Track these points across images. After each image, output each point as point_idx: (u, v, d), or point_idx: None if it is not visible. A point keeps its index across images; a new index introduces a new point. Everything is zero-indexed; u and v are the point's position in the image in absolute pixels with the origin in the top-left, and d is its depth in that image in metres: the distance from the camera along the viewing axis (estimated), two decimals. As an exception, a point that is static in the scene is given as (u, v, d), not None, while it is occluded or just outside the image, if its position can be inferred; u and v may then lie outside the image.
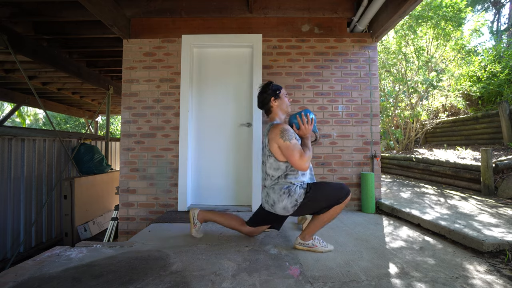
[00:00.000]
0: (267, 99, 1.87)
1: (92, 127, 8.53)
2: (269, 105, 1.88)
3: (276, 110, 1.88)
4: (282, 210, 1.75)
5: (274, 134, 1.72)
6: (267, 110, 1.91)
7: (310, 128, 1.81)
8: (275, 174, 1.77)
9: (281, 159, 1.74)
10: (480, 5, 13.73)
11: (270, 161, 1.78)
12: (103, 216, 4.51)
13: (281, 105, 1.88)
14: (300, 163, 1.66)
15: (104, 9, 2.61)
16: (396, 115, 6.46)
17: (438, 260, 1.63)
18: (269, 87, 1.89)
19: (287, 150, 1.68)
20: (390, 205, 2.72)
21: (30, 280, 1.38)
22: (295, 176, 1.75)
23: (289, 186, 1.73)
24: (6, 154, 3.55)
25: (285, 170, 1.75)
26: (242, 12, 3.03)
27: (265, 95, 1.88)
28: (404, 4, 2.36)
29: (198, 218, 2.03)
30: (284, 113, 1.92)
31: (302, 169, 1.68)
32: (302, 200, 1.71)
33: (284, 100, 1.89)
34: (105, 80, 5.34)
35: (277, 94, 1.87)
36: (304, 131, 1.81)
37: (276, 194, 1.75)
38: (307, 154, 1.69)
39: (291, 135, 1.70)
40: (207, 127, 3.13)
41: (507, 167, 3.32)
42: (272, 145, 1.74)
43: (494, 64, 5.89)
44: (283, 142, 1.68)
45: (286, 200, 1.72)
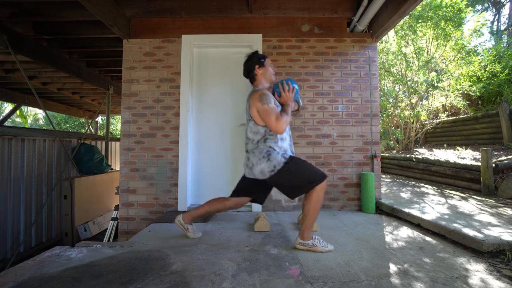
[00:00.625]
0: (251, 67, 1.90)
1: (92, 127, 8.52)
2: (254, 72, 1.90)
3: (260, 78, 1.91)
4: (260, 173, 1.79)
5: (254, 98, 1.78)
6: (251, 78, 1.94)
7: (291, 96, 1.84)
8: (254, 138, 1.82)
9: (260, 123, 1.79)
10: (480, 5, 13.72)
11: (250, 125, 1.84)
12: (103, 216, 4.51)
13: (265, 74, 1.91)
14: (276, 125, 1.69)
15: (104, 9, 2.61)
16: (396, 115, 6.46)
17: (438, 260, 1.63)
18: (254, 55, 1.93)
19: (265, 113, 1.71)
20: (390, 205, 2.72)
21: (30, 280, 1.38)
22: (274, 141, 1.79)
23: (269, 150, 1.78)
24: (6, 154, 3.55)
25: (264, 134, 1.79)
26: (242, 12, 3.03)
27: (250, 63, 1.91)
28: (404, 4, 2.36)
29: (185, 222, 2.04)
30: (268, 82, 1.95)
31: (278, 132, 1.71)
32: (280, 167, 1.74)
33: (268, 69, 1.92)
34: (105, 80, 5.34)
35: (262, 62, 1.90)
36: (285, 98, 1.83)
37: (256, 157, 1.79)
38: (284, 118, 1.72)
39: (269, 100, 1.74)
40: (207, 127, 3.13)
41: (507, 167, 3.32)
42: (252, 109, 1.79)
43: (494, 64, 5.89)
44: (262, 105, 1.72)
45: (264, 163, 1.76)
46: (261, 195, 2.00)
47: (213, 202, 2.03)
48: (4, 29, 3.17)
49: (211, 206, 2.02)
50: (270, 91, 1.93)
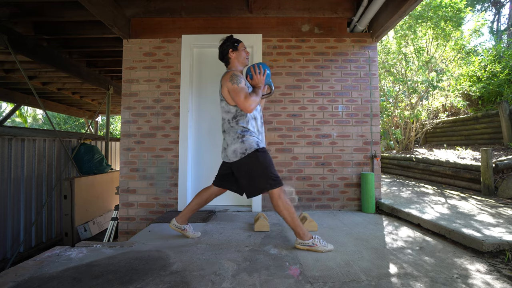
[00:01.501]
0: (225, 51, 1.96)
1: (92, 127, 8.52)
2: (228, 56, 1.96)
3: (234, 62, 1.96)
4: (232, 153, 1.83)
5: (225, 79, 1.84)
6: (226, 61, 1.99)
7: (262, 78, 1.90)
8: (226, 117, 1.88)
9: (231, 103, 1.85)
10: (480, 5, 13.73)
11: (222, 105, 1.89)
12: (103, 216, 4.51)
13: (238, 57, 1.96)
14: (244, 103, 1.74)
15: (104, 9, 2.61)
16: (396, 115, 6.46)
17: (438, 260, 1.63)
18: (228, 39, 1.98)
19: (234, 92, 1.78)
20: (390, 205, 2.72)
21: (30, 280, 1.38)
22: (246, 120, 1.85)
23: (244, 131, 1.83)
24: (6, 154, 3.55)
25: (235, 114, 1.85)
26: (242, 12, 3.03)
27: (224, 46, 1.97)
28: (404, 4, 2.36)
29: (180, 223, 2.04)
30: (241, 65, 1.99)
31: (247, 110, 1.76)
32: (250, 152, 1.78)
33: (241, 53, 1.97)
34: (105, 80, 5.34)
35: (235, 46, 1.96)
36: (257, 80, 1.90)
37: (231, 137, 1.85)
38: (253, 97, 1.77)
39: (239, 80, 1.80)
40: (207, 127, 3.13)
41: (507, 167, 3.32)
42: (223, 89, 1.85)
43: (494, 64, 5.89)
44: (231, 85, 1.78)
45: (238, 144, 1.81)
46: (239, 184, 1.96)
47: (199, 194, 2.05)
48: (4, 29, 3.16)
49: (198, 198, 2.03)
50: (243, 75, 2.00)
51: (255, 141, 1.83)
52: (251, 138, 1.82)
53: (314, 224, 2.24)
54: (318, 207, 2.96)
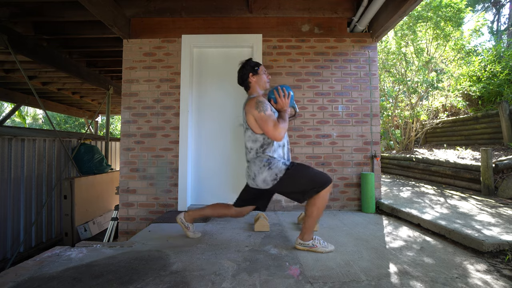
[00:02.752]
0: (245, 75, 1.90)
1: (92, 127, 8.52)
2: (248, 80, 1.90)
3: (254, 86, 1.91)
4: (262, 182, 1.78)
5: (250, 106, 1.76)
6: (246, 86, 1.93)
7: (287, 101, 1.84)
8: (253, 146, 1.81)
9: (258, 132, 1.78)
10: (480, 5, 13.72)
11: (248, 134, 1.83)
12: (103, 216, 4.51)
13: (259, 81, 1.91)
14: (274, 133, 1.68)
15: (104, 9, 2.61)
16: (396, 115, 6.46)
17: (438, 260, 1.63)
18: (248, 63, 1.92)
19: (261, 121, 1.70)
20: (390, 205, 2.72)
21: (30, 280, 1.38)
22: (273, 149, 1.79)
23: (270, 159, 1.77)
24: (6, 154, 3.55)
25: (262, 142, 1.78)
26: (242, 12, 3.03)
27: (244, 70, 1.91)
28: (404, 4, 2.36)
29: (187, 220, 2.04)
30: (262, 89, 1.95)
31: (276, 139, 1.70)
32: (282, 175, 1.73)
33: (262, 77, 1.92)
34: (105, 80, 5.34)
35: (256, 70, 1.90)
36: (281, 104, 1.84)
37: (257, 166, 1.78)
38: (282, 124, 1.70)
39: (266, 107, 1.73)
40: (207, 127, 3.13)
41: (507, 167, 3.32)
42: (248, 117, 1.78)
43: (494, 64, 5.89)
44: (258, 113, 1.71)
45: (266, 172, 1.75)
46: (264, 202, 1.99)
47: (217, 206, 2.02)
48: (4, 29, 3.16)
49: (214, 210, 2.01)
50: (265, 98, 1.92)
51: (282, 162, 1.77)
52: (278, 163, 1.76)
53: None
54: (318, 207, 2.95)
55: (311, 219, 1.75)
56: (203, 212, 2.03)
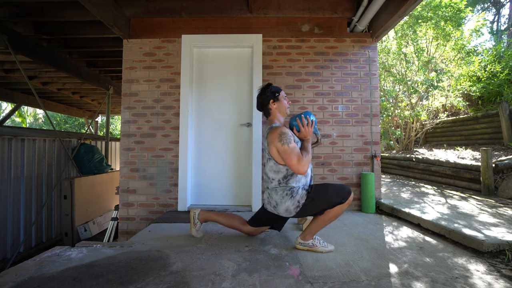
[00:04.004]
0: (266, 101, 1.87)
1: (92, 127, 8.52)
2: (268, 107, 1.87)
3: (275, 113, 1.87)
4: (285, 211, 1.75)
5: (273, 137, 1.71)
6: (266, 112, 1.90)
7: (310, 130, 1.79)
8: (275, 177, 1.77)
9: (281, 162, 1.74)
10: (480, 5, 13.72)
11: (270, 164, 1.78)
12: (103, 216, 4.50)
13: (279, 108, 1.87)
14: (298, 167, 1.64)
15: (104, 9, 2.61)
16: (396, 115, 6.46)
17: (438, 260, 1.63)
18: (268, 89, 1.88)
19: (285, 154, 1.66)
20: (390, 205, 2.72)
21: (30, 280, 1.38)
22: (296, 180, 1.76)
23: (292, 189, 1.74)
24: (6, 154, 3.55)
25: (285, 173, 1.74)
26: (242, 12, 3.03)
27: (263, 97, 1.87)
28: (404, 4, 2.36)
29: (199, 218, 2.04)
30: (283, 115, 1.91)
31: (300, 173, 1.67)
32: (304, 201, 1.71)
33: (283, 103, 1.88)
34: (105, 80, 5.34)
35: (276, 96, 1.86)
36: (305, 133, 1.79)
37: (279, 196, 1.75)
38: (305, 158, 1.67)
39: (289, 139, 1.69)
40: (207, 127, 3.13)
41: (507, 167, 3.32)
42: (271, 148, 1.73)
43: (494, 64, 5.89)
44: (281, 146, 1.67)
45: (288, 201, 1.72)
46: (280, 224, 1.97)
47: (232, 218, 2.02)
48: (4, 29, 3.16)
49: (229, 220, 2.01)
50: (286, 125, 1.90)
51: (301, 188, 1.75)
52: (298, 189, 1.74)
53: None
54: (318, 207, 2.96)
55: (319, 224, 1.75)
56: (217, 219, 2.02)
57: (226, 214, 2.05)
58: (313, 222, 1.78)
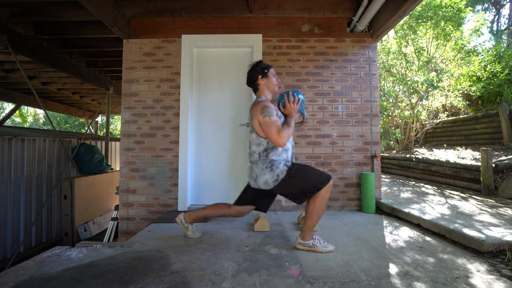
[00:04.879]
0: (254, 77, 1.89)
1: (92, 127, 8.52)
2: (257, 83, 1.90)
3: (263, 89, 1.90)
4: (264, 184, 1.79)
5: (256, 110, 1.77)
6: (254, 88, 1.93)
7: (295, 107, 1.82)
8: (256, 149, 1.83)
9: (262, 135, 1.79)
10: (480, 5, 13.73)
11: (253, 137, 1.85)
12: (103, 216, 4.50)
13: (268, 84, 1.90)
14: (277, 139, 1.68)
15: (104, 9, 2.61)
16: (396, 115, 6.46)
17: (438, 260, 1.63)
18: (258, 64, 1.92)
19: (266, 126, 1.71)
20: (390, 205, 2.72)
21: (30, 280, 1.38)
22: (277, 153, 1.79)
23: (272, 161, 1.78)
24: (6, 154, 3.55)
25: (266, 146, 1.79)
26: (242, 12, 3.03)
27: (253, 72, 1.90)
28: (404, 4, 2.36)
29: (187, 221, 2.04)
30: (271, 92, 1.94)
31: (279, 145, 1.70)
32: (283, 176, 1.75)
33: (271, 79, 1.91)
34: (105, 80, 5.34)
35: (265, 72, 1.89)
36: (290, 109, 1.82)
37: (259, 168, 1.80)
38: (285, 131, 1.70)
39: (271, 112, 1.72)
40: (207, 127, 3.13)
41: (507, 167, 3.32)
42: (254, 121, 1.79)
43: (494, 64, 5.89)
44: (263, 118, 1.72)
45: (268, 174, 1.76)
46: (264, 204, 1.99)
47: (216, 206, 2.02)
48: (4, 29, 3.16)
49: (214, 210, 2.01)
50: (274, 102, 1.92)
51: (283, 163, 1.78)
52: (279, 164, 1.77)
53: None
54: (318, 207, 2.95)
55: (310, 219, 1.76)
56: (203, 213, 2.03)
57: (211, 206, 2.04)
58: (306, 219, 1.79)
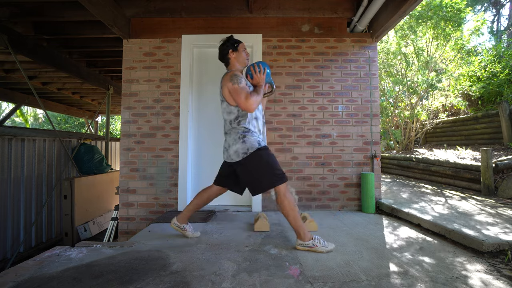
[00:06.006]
0: (225, 51, 1.95)
1: (92, 127, 8.52)
2: (227, 56, 1.95)
3: (233, 62, 1.96)
4: (234, 153, 1.83)
5: (225, 79, 1.83)
6: (226, 62, 1.98)
7: (262, 77, 1.88)
8: (227, 118, 1.88)
9: (233, 103, 1.83)
10: (480, 5, 13.72)
11: (223, 106, 1.89)
12: (103, 216, 4.50)
13: (238, 58, 1.95)
14: (246, 104, 1.72)
15: (104, 9, 2.61)
16: (396, 115, 6.46)
17: (438, 260, 1.63)
18: (229, 40, 1.98)
19: (235, 92, 1.76)
20: (390, 205, 2.72)
21: (30, 280, 1.38)
22: (248, 121, 1.85)
23: (245, 131, 1.83)
24: (6, 154, 3.55)
25: (237, 114, 1.84)
26: (242, 12, 3.03)
27: (224, 47, 1.96)
28: (404, 4, 2.36)
29: (181, 223, 2.05)
30: (242, 65, 1.99)
31: (248, 110, 1.75)
32: (252, 151, 1.78)
33: (242, 54, 1.96)
34: (105, 80, 5.34)
35: (235, 46, 1.95)
36: (257, 79, 1.88)
37: (232, 138, 1.86)
38: (254, 97, 1.75)
39: (240, 80, 1.79)
40: (207, 127, 3.13)
41: (507, 167, 3.32)
42: (224, 90, 1.84)
43: (494, 64, 5.89)
44: (232, 85, 1.77)
45: (239, 144, 1.81)
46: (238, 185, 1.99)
47: (199, 194, 2.06)
48: (4, 29, 3.16)
49: (198, 198, 2.05)
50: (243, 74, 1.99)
51: (257, 141, 1.83)
52: (252, 138, 1.82)
53: (314, 224, 2.24)
54: (318, 207, 2.96)
55: (291, 219, 1.79)
56: (190, 207, 2.05)
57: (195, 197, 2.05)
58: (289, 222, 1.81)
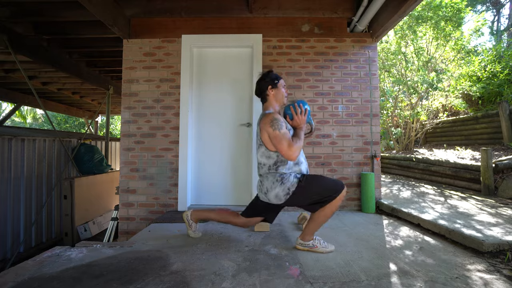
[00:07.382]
0: (264, 87, 1.87)
1: (92, 127, 8.52)
2: (266, 93, 1.87)
3: (271, 100, 1.87)
4: (275, 198, 1.76)
5: (264, 123, 1.72)
6: (263, 98, 1.90)
7: (303, 118, 1.79)
8: (266, 162, 1.78)
9: (272, 149, 1.74)
10: (480, 5, 13.72)
11: (262, 150, 1.79)
12: (103, 216, 4.50)
13: (277, 95, 1.87)
14: (288, 152, 1.63)
15: (104, 9, 2.61)
16: (396, 115, 6.46)
17: (438, 260, 1.63)
18: (268, 75, 1.89)
19: (276, 139, 1.66)
20: (390, 205, 2.72)
21: (30, 280, 1.38)
22: (287, 166, 1.75)
23: (282, 175, 1.74)
24: (6, 154, 3.55)
25: (276, 159, 1.75)
26: (242, 12, 3.03)
27: (263, 82, 1.88)
28: (404, 4, 2.36)
29: (191, 219, 2.05)
30: (279, 104, 1.91)
31: (290, 159, 1.66)
32: (294, 189, 1.71)
33: (280, 90, 1.88)
34: (105, 80, 5.34)
35: (275, 83, 1.87)
36: (298, 121, 1.79)
37: (269, 182, 1.76)
38: (296, 144, 1.65)
39: (281, 125, 1.68)
40: (207, 127, 3.13)
41: (507, 167, 3.32)
42: (263, 134, 1.74)
43: (494, 64, 5.89)
44: (273, 131, 1.67)
45: (278, 188, 1.72)
46: (272, 215, 1.98)
47: (224, 213, 2.02)
48: (4, 29, 3.16)
49: (221, 216, 2.01)
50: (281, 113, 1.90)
51: (293, 175, 1.74)
52: (289, 176, 1.73)
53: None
54: (318, 207, 2.95)
55: (316, 224, 1.75)
56: (209, 216, 2.03)
57: (217, 209, 2.06)
58: (309, 222, 1.78)
